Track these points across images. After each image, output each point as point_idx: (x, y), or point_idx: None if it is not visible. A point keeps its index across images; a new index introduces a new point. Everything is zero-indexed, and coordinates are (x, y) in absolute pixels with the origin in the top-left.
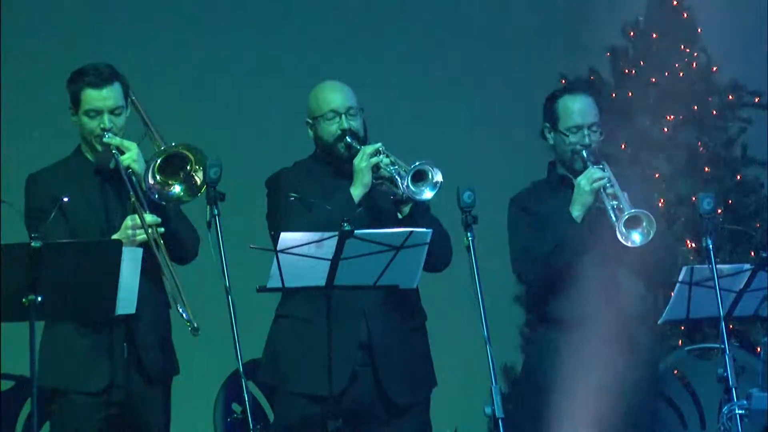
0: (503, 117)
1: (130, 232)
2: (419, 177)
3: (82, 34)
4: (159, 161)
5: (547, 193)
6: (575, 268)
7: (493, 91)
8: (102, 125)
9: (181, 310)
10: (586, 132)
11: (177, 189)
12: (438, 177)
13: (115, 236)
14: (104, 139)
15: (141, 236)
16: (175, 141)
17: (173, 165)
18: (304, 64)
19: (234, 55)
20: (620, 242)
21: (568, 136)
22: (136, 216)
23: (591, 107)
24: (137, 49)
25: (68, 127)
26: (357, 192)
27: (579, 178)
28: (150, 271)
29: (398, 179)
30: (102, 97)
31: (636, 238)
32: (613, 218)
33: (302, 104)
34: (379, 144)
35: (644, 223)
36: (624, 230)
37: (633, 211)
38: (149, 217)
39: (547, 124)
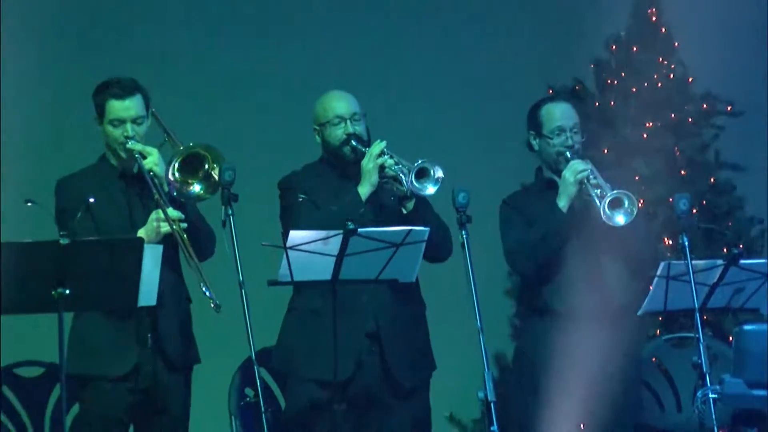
0: (494, 124)
1: (155, 224)
2: (422, 174)
3: (98, 46)
4: (179, 161)
5: (535, 196)
6: (564, 260)
7: (485, 100)
8: (125, 133)
9: (204, 289)
10: (568, 134)
11: (197, 188)
12: (439, 173)
13: (141, 229)
14: (127, 146)
15: (165, 228)
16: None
17: (192, 165)
18: (310, 77)
19: (247, 69)
20: (605, 235)
21: (552, 138)
22: (160, 211)
23: (571, 111)
24: (156, 60)
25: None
26: (364, 190)
27: (564, 171)
28: (172, 267)
29: (402, 177)
30: (125, 107)
31: (620, 219)
32: (598, 203)
33: (309, 113)
34: (384, 143)
35: (626, 204)
36: (608, 212)
37: (615, 192)
38: (172, 212)
39: (532, 132)
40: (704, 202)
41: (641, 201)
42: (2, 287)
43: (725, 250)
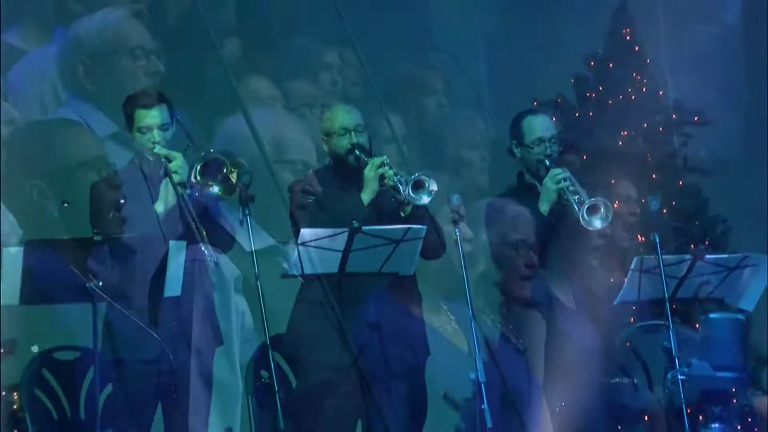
0: (486, 133)
1: (165, 194)
2: (418, 186)
3: None
4: (200, 166)
5: (517, 198)
6: (544, 256)
7: (475, 111)
8: (152, 139)
9: (203, 249)
10: (547, 144)
11: (215, 189)
12: (433, 186)
13: (158, 202)
14: (155, 150)
15: (173, 200)
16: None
17: (212, 170)
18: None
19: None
20: (583, 233)
21: (533, 148)
22: (168, 182)
23: (550, 123)
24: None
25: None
26: (366, 197)
27: (545, 179)
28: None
29: (400, 187)
30: (151, 115)
31: (597, 223)
32: (577, 209)
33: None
34: (384, 157)
35: (602, 210)
36: (587, 217)
37: (592, 200)
38: (176, 176)
39: (514, 141)
40: (673, 203)
41: (617, 202)
42: (43, 280)
43: (692, 246)
